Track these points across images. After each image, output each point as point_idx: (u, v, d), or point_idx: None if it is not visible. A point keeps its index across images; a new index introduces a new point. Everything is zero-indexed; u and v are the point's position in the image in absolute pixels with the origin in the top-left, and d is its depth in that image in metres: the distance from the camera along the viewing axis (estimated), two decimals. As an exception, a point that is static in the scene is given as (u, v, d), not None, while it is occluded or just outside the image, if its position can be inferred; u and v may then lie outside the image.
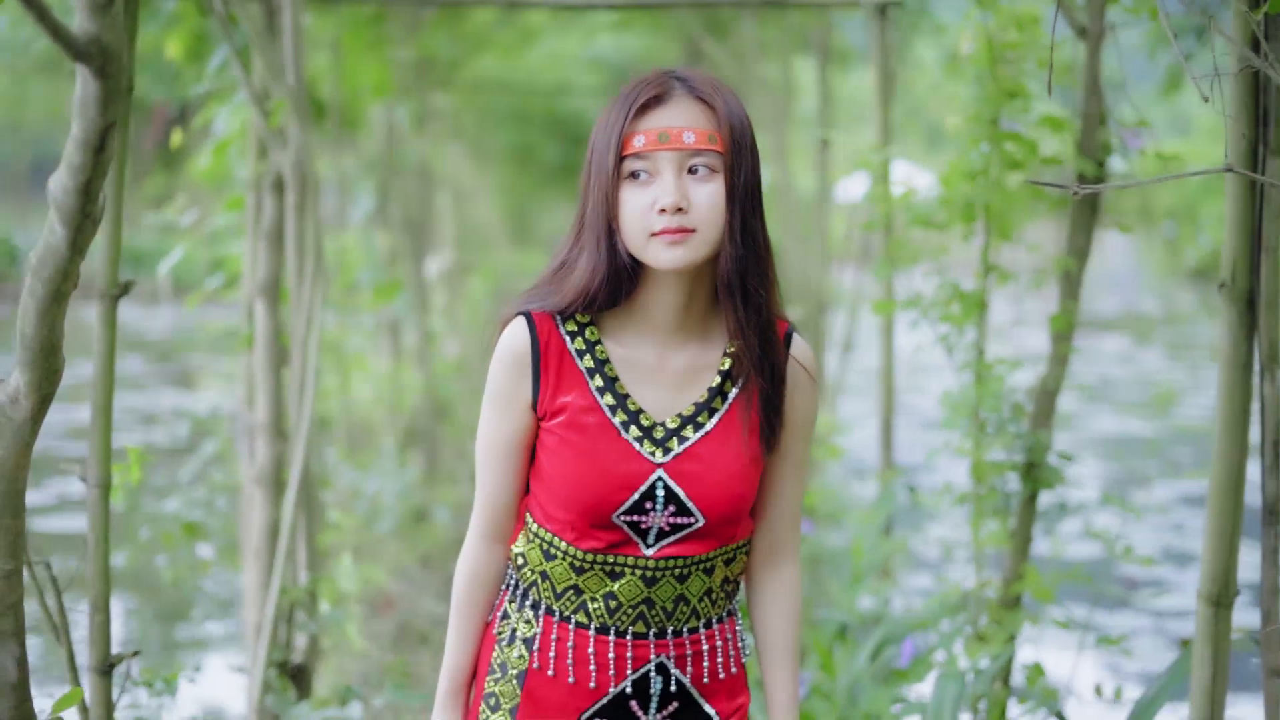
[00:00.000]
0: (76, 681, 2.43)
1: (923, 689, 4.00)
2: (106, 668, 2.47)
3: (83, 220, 1.58)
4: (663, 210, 1.88)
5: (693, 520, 1.98)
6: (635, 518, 1.96)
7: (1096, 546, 5.88)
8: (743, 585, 2.18)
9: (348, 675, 4.46)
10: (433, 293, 8.34)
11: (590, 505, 1.96)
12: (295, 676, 3.77)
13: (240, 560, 4.78)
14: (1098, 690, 3.80)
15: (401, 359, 7.33)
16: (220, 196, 4.86)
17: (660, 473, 1.96)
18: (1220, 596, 2.85)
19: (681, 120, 1.91)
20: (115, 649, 2.53)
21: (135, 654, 2.57)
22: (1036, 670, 3.78)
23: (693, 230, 1.89)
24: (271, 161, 3.84)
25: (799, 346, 2.06)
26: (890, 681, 3.75)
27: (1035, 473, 3.70)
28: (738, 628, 2.14)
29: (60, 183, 1.55)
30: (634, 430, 1.97)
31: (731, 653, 2.10)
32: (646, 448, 1.97)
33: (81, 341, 2.41)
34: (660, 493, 1.96)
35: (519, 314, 2.00)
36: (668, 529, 1.98)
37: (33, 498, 2.16)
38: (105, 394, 2.42)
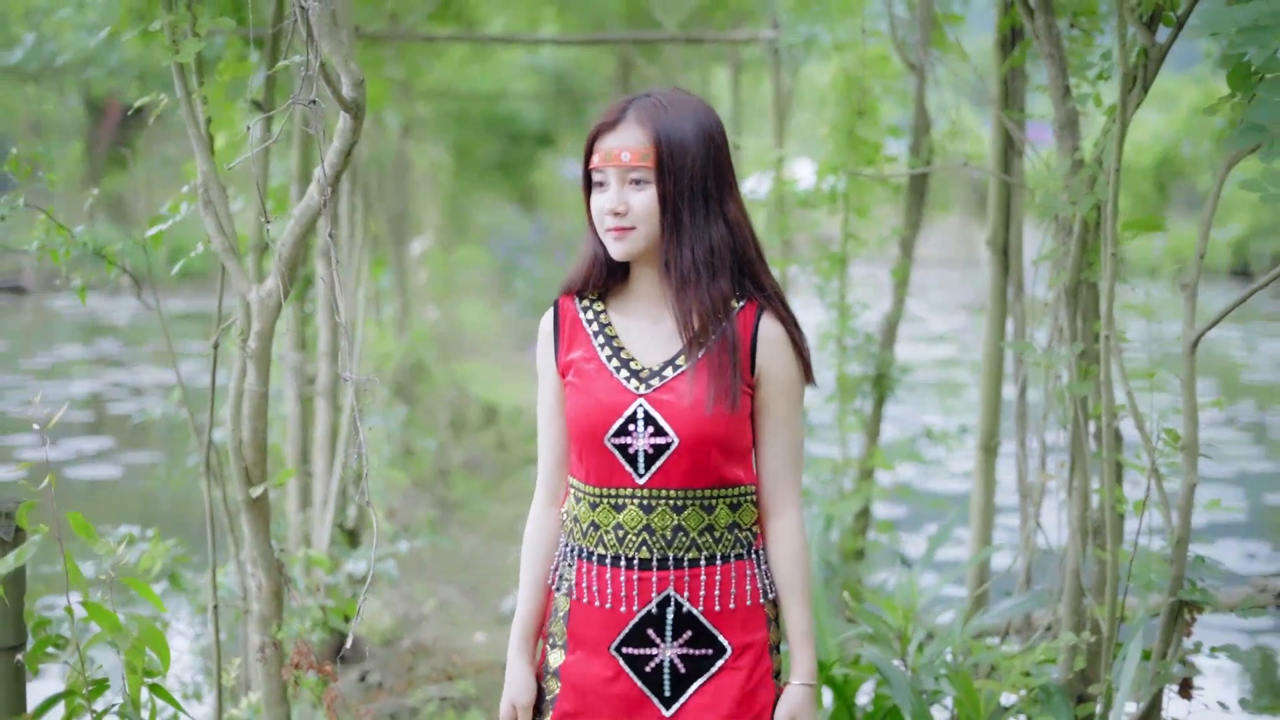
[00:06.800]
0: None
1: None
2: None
3: (331, 193, 2.98)
4: (608, 213, 2.33)
5: (669, 440, 2.30)
6: (622, 440, 2.32)
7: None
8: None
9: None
10: (417, 269, 9.73)
11: (586, 430, 2.34)
12: (350, 535, 5.16)
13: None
14: (929, 540, 5.28)
15: (382, 326, 8.67)
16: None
17: (641, 400, 2.32)
18: (988, 445, 4.34)
19: (623, 142, 2.30)
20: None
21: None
22: (887, 525, 5.28)
23: (632, 228, 2.30)
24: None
25: (766, 324, 2.35)
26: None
27: (882, 381, 5.19)
28: (754, 571, 2.38)
29: (323, 170, 2.95)
30: (623, 372, 2.35)
31: (747, 588, 2.36)
32: (631, 383, 2.34)
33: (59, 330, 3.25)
34: (640, 416, 2.31)
35: (554, 302, 2.47)
36: (651, 451, 2.31)
37: (51, 454, 2.90)
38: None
